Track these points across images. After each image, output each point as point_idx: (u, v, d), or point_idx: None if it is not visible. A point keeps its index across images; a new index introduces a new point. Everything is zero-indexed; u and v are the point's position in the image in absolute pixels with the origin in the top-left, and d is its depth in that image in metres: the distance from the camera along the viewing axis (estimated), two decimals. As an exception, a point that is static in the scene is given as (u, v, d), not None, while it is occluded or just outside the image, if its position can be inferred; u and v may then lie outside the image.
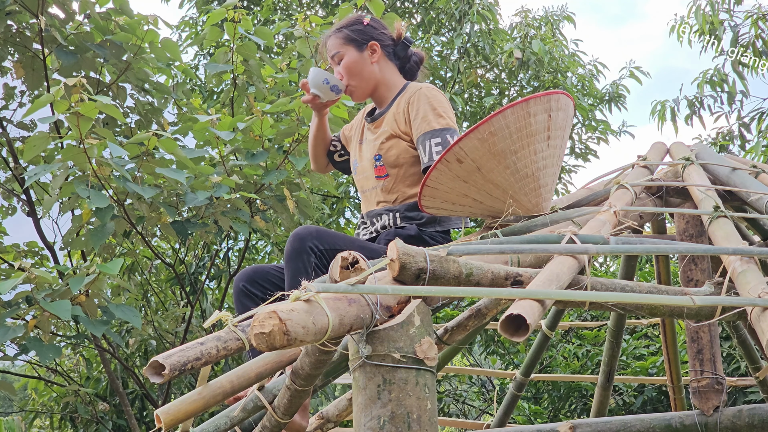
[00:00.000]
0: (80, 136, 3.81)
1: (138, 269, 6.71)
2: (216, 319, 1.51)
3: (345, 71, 2.97)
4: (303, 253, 2.56)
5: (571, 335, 7.02)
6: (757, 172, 2.69)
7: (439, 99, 2.88)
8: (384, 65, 3.02)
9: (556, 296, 1.53)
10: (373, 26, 3.04)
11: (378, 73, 3.00)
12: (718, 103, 9.43)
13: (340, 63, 2.99)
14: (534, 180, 2.45)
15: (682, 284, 2.95)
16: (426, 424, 1.53)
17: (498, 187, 2.44)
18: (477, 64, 10.19)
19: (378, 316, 1.55)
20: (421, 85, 2.95)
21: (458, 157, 2.39)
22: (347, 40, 2.99)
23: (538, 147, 2.44)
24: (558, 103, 2.47)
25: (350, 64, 2.97)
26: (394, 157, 2.88)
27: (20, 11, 4.77)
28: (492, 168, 2.41)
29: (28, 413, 7.45)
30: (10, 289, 3.83)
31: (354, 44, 2.98)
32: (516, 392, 4.11)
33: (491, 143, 2.38)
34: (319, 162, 3.31)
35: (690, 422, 2.93)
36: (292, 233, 2.64)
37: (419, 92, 2.89)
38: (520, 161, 2.42)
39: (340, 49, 2.99)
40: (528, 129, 2.41)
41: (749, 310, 1.53)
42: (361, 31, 3.01)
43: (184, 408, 1.89)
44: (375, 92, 3.03)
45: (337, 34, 3.01)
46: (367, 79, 2.99)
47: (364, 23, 3.03)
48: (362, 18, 3.05)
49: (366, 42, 2.99)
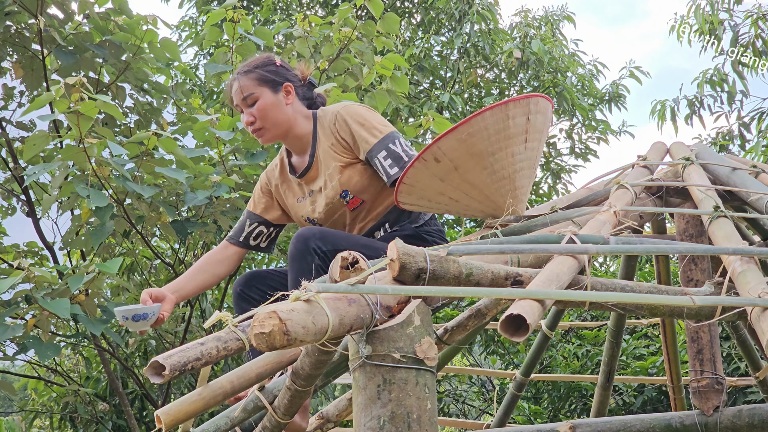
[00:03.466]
0: (80, 135, 3.81)
1: (137, 269, 6.70)
2: (216, 320, 1.51)
3: (259, 113, 2.83)
4: (307, 255, 2.54)
5: (571, 335, 7.02)
6: (757, 172, 2.69)
7: (359, 113, 2.81)
8: (297, 107, 2.90)
9: (556, 296, 1.52)
10: (285, 67, 2.93)
11: (291, 115, 2.87)
12: (718, 102, 9.44)
13: (253, 105, 2.84)
14: (510, 182, 2.45)
15: (682, 284, 2.95)
16: (426, 424, 1.53)
17: (475, 187, 2.43)
18: (477, 64, 10.20)
19: (378, 316, 1.55)
20: (333, 108, 2.87)
21: (436, 156, 2.38)
22: (262, 81, 2.85)
23: (515, 149, 2.44)
24: (537, 106, 2.47)
25: (266, 105, 2.83)
26: (360, 183, 2.82)
27: (19, 11, 4.77)
28: (469, 168, 2.40)
29: (28, 413, 7.45)
30: (9, 288, 3.83)
31: (269, 85, 2.85)
32: (516, 392, 4.11)
33: (470, 144, 2.37)
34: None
35: (690, 422, 2.92)
36: (295, 235, 2.63)
37: (339, 116, 2.81)
38: (498, 163, 2.42)
39: (254, 91, 2.83)
40: (506, 131, 2.41)
41: (749, 310, 1.53)
42: (276, 72, 2.88)
43: (185, 408, 1.89)
44: (287, 135, 2.90)
45: (250, 75, 2.85)
46: (281, 121, 2.86)
47: (277, 64, 2.90)
48: (273, 59, 2.92)
49: (281, 83, 2.87)
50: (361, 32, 5.42)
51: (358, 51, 5.44)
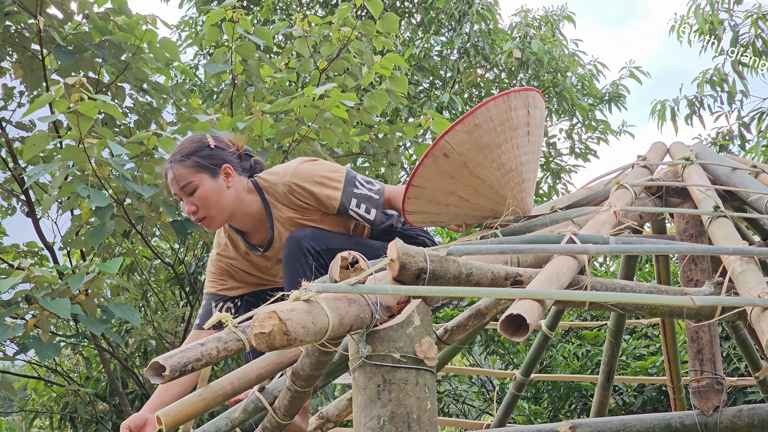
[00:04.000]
0: (80, 135, 3.81)
1: (137, 269, 6.71)
2: (216, 320, 1.51)
3: (201, 202, 2.68)
4: (301, 256, 2.54)
5: (571, 335, 7.02)
6: (757, 172, 2.69)
7: (310, 172, 2.69)
8: (239, 186, 2.74)
9: (556, 296, 1.52)
10: (220, 147, 2.76)
11: (235, 197, 2.72)
12: (718, 102, 9.45)
13: (192, 193, 2.68)
14: (518, 174, 2.46)
15: (682, 284, 2.95)
16: (426, 424, 1.53)
17: (484, 182, 2.43)
18: (477, 64, 10.20)
19: (378, 316, 1.55)
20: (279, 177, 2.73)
21: (445, 152, 2.38)
22: (199, 168, 2.68)
23: (520, 141, 2.44)
24: (534, 100, 2.49)
25: (207, 193, 2.67)
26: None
27: (19, 12, 4.77)
28: (478, 162, 2.40)
29: (28, 413, 7.46)
30: (10, 288, 3.84)
31: (207, 171, 2.69)
32: (516, 392, 4.11)
33: (477, 135, 2.37)
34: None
35: (690, 422, 2.92)
36: (288, 236, 2.62)
37: (292, 185, 2.69)
38: (504, 155, 2.42)
39: (192, 179, 2.67)
40: (510, 123, 2.42)
41: (749, 310, 1.53)
42: (212, 156, 2.71)
43: (185, 409, 1.89)
44: (234, 217, 2.76)
45: (185, 163, 2.69)
46: (226, 206, 2.70)
47: (212, 146, 2.74)
48: (206, 141, 2.75)
49: (219, 166, 2.71)
50: (361, 32, 5.42)
51: (358, 51, 5.44)
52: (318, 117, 4.46)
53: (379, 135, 5.57)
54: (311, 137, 4.65)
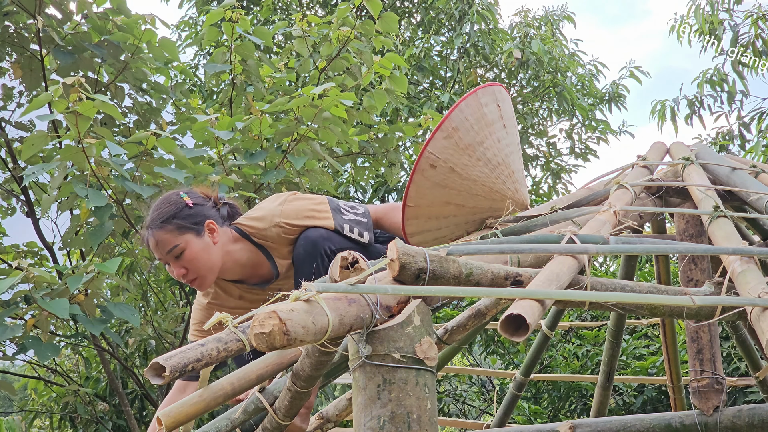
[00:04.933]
0: (79, 135, 3.81)
1: (137, 269, 6.70)
2: (216, 320, 1.51)
3: (191, 264, 2.61)
4: (318, 258, 2.53)
5: (571, 335, 7.02)
6: (757, 172, 2.69)
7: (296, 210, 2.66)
8: (224, 239, 2.69)
9: (556, 296, 1.52)
10: (198, 203, 2.69)
11: (222, 250, 2.67)
12: (718, 102, 9.45)
13: (179, 256, 2.62)
14: (507, 167, 2.47)
15: (681, 284, 2.95)
16: (426, 424, 1.53)
17: (476, 182, 2.43)
18: (477, 64, 10.20)
19: (378, 316, 1.55)
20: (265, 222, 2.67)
21: (431, 163, 2.38)
22: (182, 230, 2.62)
23: (499, 135, 2.46)
24: (501, 93, 2.51)
25: (195, 254, 2.61)
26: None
27: (18, 12, 4.77)
28: (465, 163, 2.41)
29: (27, 413, 7.46)
30: (9, 288, 3.83)
31: (191, 231, 2.63)
32: (516, 392, 4.11)
33: (457, 138, 2.39)
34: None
35: (690, 422, 2.92)
36: (302, 236, 2.59)
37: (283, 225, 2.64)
38: (489, 151, 2.43)
39: (177, 242, 2.61)
40: (485, 119, 2.44)
41: (749, 310, 1.53)
42: (192, 215, 2.65)
43: (185, 410, 1.89)
44: (223, 271, 2.70)
45: (167, 228, 2.62)
46: (215, 263, 2.65)
47: (190, 205, 2.66)
48: (182, 200, 2.68)
49: (201, 224, 2.65)
50: (360, 32, 5.42)
51: (357, 50, 5.44)
52: (317, 116, 4.45)
53: (379, 135, 5.57)
54: (310, 137, 4.65)
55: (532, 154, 10.93)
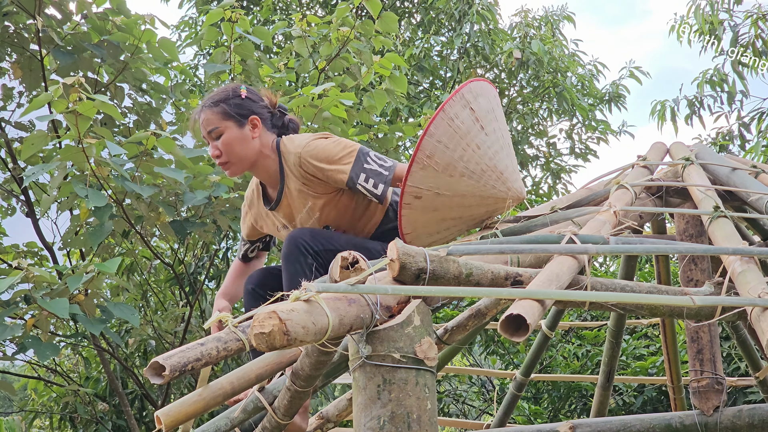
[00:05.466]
0: (79, 135, 3.81)
1: (137, 269, 6.70)
2: (216, 320, 1.51)
3: (225, 147, 2.79)
4: (300, 255, 2.58)
5: (571, 335, 7.02)
6: (756, 172, 2.69)
7: (320, 149, 2.75)
8: (264, 139, 2.85)
9: (556, 296, 1.52)
10: (251, 99, 2.87)
11: (257, 149, 2.82)
12: (717, 103, 9.44)
13: (218, 138, 2.81)
14: (493, 170, 2.43)
15: (682, 284, 2.95)
16: (426, 424, 1.53)
17: (465, 195, 2.42)
18: (477, 64, 10.20)
19: (378, 316, 1.55)
20: (295, 147, 2.80)
21: (415, 195, 2.37)
22: (226, 116, 2.80)
23: (478, 141, 2.41)
24: (472, 93, 2.45)
25: (231, 140, 2.79)
26: (339, 215, 2.82)
27: (17, 12, 4.77)
28: (449, 183, 2.38)
29: (27, 413, 7.45)
30: (9, 288, 3.83)
31: (233, 119, 2.81)
32: (516, 392, 4.11)
33: (434, 164, 2.35)
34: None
35: (690, 422, 2.92)
36: (287, 236, 2.65)
37: (302, 159, 2.75)
38: (470, 162, 2.39)
39: (218, 125, 2.79)
40: (459, 132, 2.38)
41: (749, 310, 1.53)
42: (240, 105, 2.83)
43: (185, 409, 1.89)
44: (253, 168, 2.86)
45: (214, 109, 2.81)
46: (246, 155, 2.81)
47: (242, 96, 2.85)
48: (239, 90, 2.87)
49: (246, 117, 2.82)
50: (360, 32, 5.41)
51: (357, 50, 5.44)
52: (317, 116, 4.45)
53: (379, 135, 5.56)
54: (311, 137, 4.64)
55: (532, 154, 10.94)
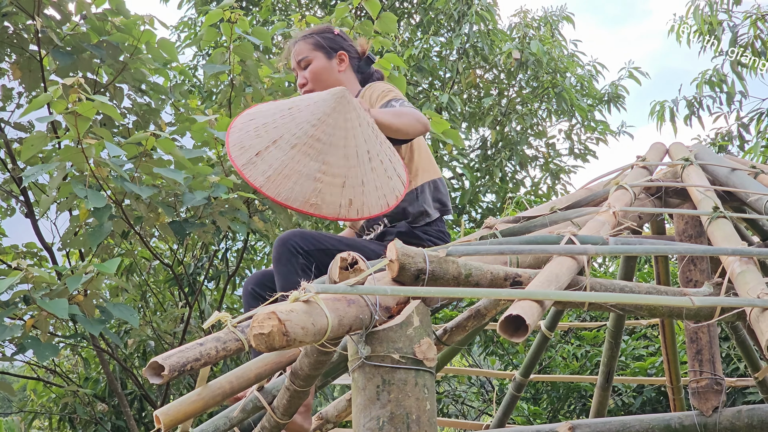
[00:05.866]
0: (78, 136, 3.81)
1: (136, 270, 6.70)
2: (215, 320, 1.51)
3: (311, 76, 2.97)
4: (290, 257, 2.59)
5: (570, 336, 7.02)
6: (756, 172, 2.69)
7: (381, 87, 2.92)
8: (348, 76, 3.02)
9: (556, 297, 1.52)
10: (343, 37, 3.06)
11: (341, 82, 2.96)
12: (717, 103, 9.44)
13: (306, 68, 2.99)
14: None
15: (681, 285, 2.95)
16: (425, 425, 1.53)
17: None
18: (476, 64, 10.20)
19: (377, 316, 1.55)
20: (368, 93, 2.95)
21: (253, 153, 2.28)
22: (317, 46, 2.99)
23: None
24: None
25: (318, 69, 2.97)
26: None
27: (16, 12, 4.77)
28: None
29: (27, 414, 7.45)
30: (8, 289, 3.83)
31: (323, 51, 2.99)
32: (515, 393, 4.11)
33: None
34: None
35: (689, 423, 2.92)
36: (276, 239, 2.67)
37: (366, 90, 2.94)
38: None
39: (308, 54, 2.99)
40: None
41: (748, 311, 1.53)
42: (332, 39, 3.02)
43: (184, 409, 1.89)
44: None
45: (307, 40, 3.01)
46: (330, 85, 2.83)
47: (335, 33, 3.04)
48: (332, 28, 3.07)
49: (335, 50, 3.01)
50: (359, 32, 5.41)
51: (357, 51, 5.43)
52: (317, 117, 4.44)
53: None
54: (310, 138, 4.64)
55: (531, 154, 10.93)
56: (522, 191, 10.47)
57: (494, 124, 10.22)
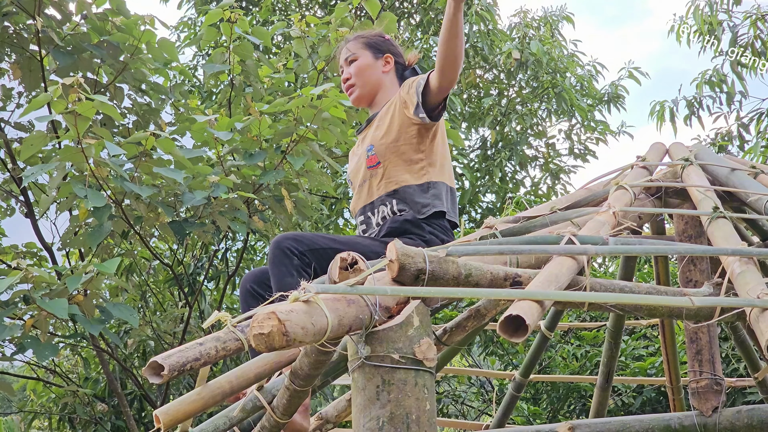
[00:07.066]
0: (78, 135, 3.80)
1: (136, 270, 6.70)
2: (215, 320, 1.51)
3: (355, 71, 3.07)
4: (285, 258, 2.61)
5: (570, 336, 7.01)
6: (756, 172, 2.69)
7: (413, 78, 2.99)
8: (391, 78, 3.11)
9: (555, 297, 1.52)
10: (392, 43, 3.17)
11: (383, 82, 3.08)
12: (716, 103, 9.43)
13: (351, 64, 3.09)
14: None
15: (681, 285, 2.95)
16: (425, 425, 1.53)
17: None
18: (476, 64, 10.20)
19: (377, 316, 1.55)
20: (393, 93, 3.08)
21: None
22: (366, 45, 3.10)
23: None
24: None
25: (363, 65, 3.07)
26: (382, 141, 2.93)
27: (17, 12, 4.77)
28: None
29: (26, 414, 7.45)
30: (8, 288, 3.82)
31: (371, 50, 3.10)
32: (515, 393, 4.11)
33: None
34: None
35: (689, 423, 2.92)
36: (271, 241, 2.68)
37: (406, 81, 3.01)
38: None
39: (356, 52, 3.09)
40: None
41: (748, 311, 1.53)
42: (382, 42, 3.13)
43: (183, 408, 1.89)
44: (374, 98, 3.11)
45: (357, 39, 3.13)
46: (372, 84, 3.07)
47: (385, 37, 3.16)
48: (383, 33, 3.19)
49: (383, 52, 3.11)
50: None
51: (357, 51, 5.43)
52: (316, 117, 4.45)
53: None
54: (310, 137, 4.65)
55: (531, 154, 10.93)
56: (522, 191, 10.46)
57: (494, 124, 10.22)
